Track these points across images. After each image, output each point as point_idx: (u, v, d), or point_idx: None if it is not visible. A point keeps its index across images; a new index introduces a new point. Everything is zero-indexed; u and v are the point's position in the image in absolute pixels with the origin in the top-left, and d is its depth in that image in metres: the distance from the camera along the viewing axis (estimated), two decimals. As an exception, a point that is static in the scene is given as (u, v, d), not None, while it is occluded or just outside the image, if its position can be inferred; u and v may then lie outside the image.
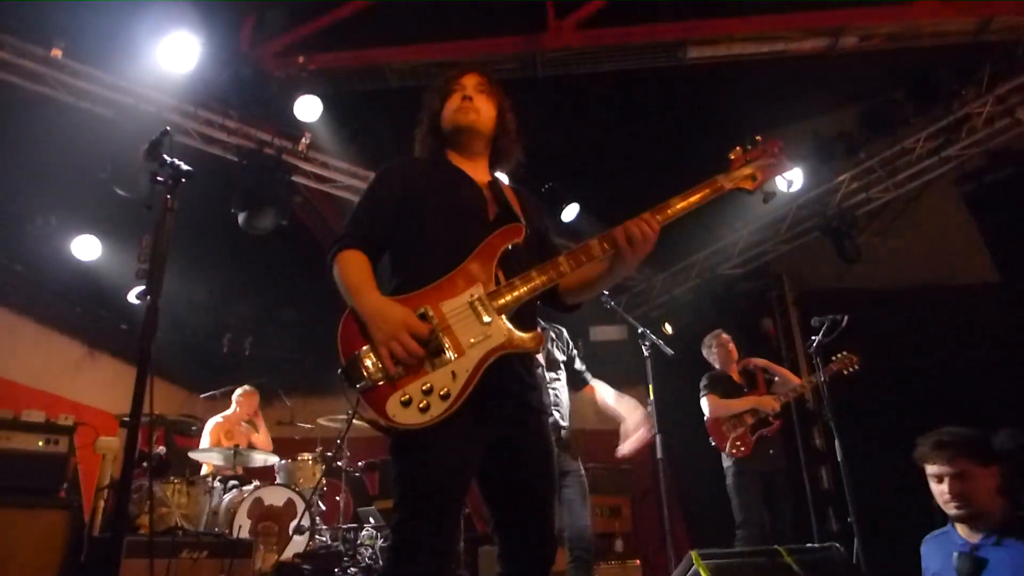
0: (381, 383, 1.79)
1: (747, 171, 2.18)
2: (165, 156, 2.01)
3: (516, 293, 1.92)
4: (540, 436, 1.99)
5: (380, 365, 1.80)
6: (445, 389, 1.78)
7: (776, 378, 5.25)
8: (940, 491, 2.55)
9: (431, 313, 1.87)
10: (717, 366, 5.30)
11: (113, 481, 4.92)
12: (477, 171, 2.19)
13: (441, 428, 1.76)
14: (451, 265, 1.93)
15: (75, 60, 4.99)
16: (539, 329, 1.96)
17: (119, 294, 6.69)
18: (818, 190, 6.71)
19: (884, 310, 6.25)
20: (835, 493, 6.66)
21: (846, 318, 4.27)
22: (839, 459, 4.44)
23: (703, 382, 5.13)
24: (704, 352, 5.42)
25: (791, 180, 6.26)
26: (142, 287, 1.89)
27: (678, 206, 2.04)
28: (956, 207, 6.48)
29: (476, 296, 1.90)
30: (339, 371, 1.83)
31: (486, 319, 1.87)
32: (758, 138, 2.23)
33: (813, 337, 4.41)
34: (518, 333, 1.88)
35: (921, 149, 6.25)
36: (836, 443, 4.36)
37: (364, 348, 1.83)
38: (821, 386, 4.43)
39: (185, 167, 2.01)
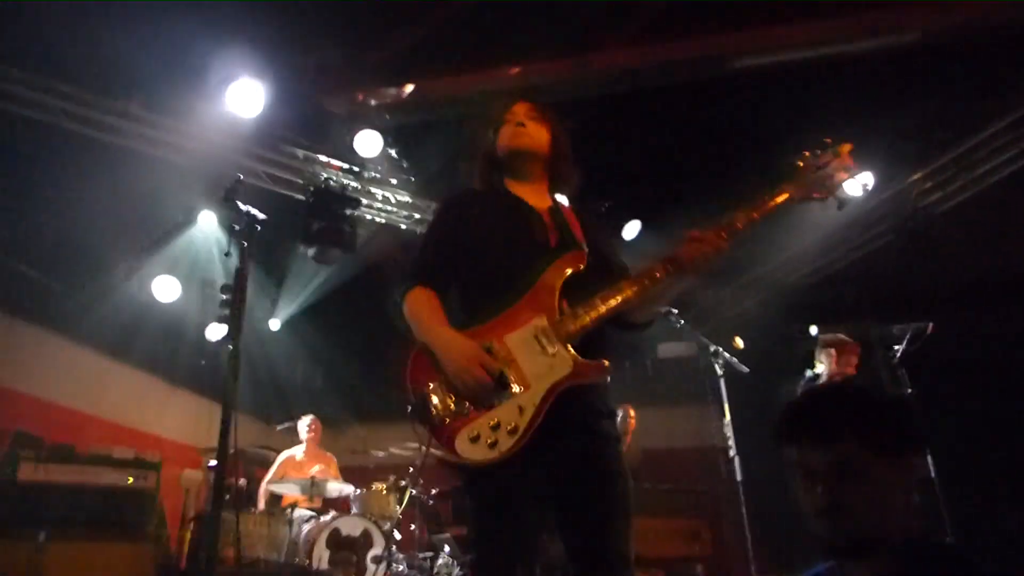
0: (449, 420, 1.80)
1: (817, 177, 2.07)
2: (239, 204, 2.09)
3: (581, 322, 1.89)
4: (610, 464, 1.94)
5: (449, 402, 1.81)
6: (513, 424, 1.77)
7: None
8: (810, 500, 1.43)
9: (496, 346, 1.87)
10: (824, 373, 4.96)
11: (197, 514, 5.08)
12: (537, 197, 2.18)
13: (512, 462, 1.74)
14: (515, 296, 1.93)
15: (149, 111, 5.27)
16: (604, 359, 1.91)
17: (197, 331, 6.97)
18: (890, 191, 6.45)
19: (968, 313, 5.94)
20: (927, 511, 6.33)
21: (931, 326, 4.07)
22: (931, 475, 4.22)
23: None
24: (818, 352, 5.07)
25: (865, 183, 6.04)
26: (223, 331, 1.96)
27: (744, 222, 1.97)
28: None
29: (540, 327, 1.88)
30: (408, 408, 1.84)
31: (551, 350, 1.85)
32: (827, 140, 2.13)
33: (896, 347, 4.21)
34: (583, 363, 1.85)
35: (998, 143, 5.95)
36: (927, 458, 4.15)
37: (432, 385, 1.85)
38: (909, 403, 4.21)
39: (260, 215, 2.08)
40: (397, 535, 5.49)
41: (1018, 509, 5.66)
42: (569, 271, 1.96)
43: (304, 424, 6.28)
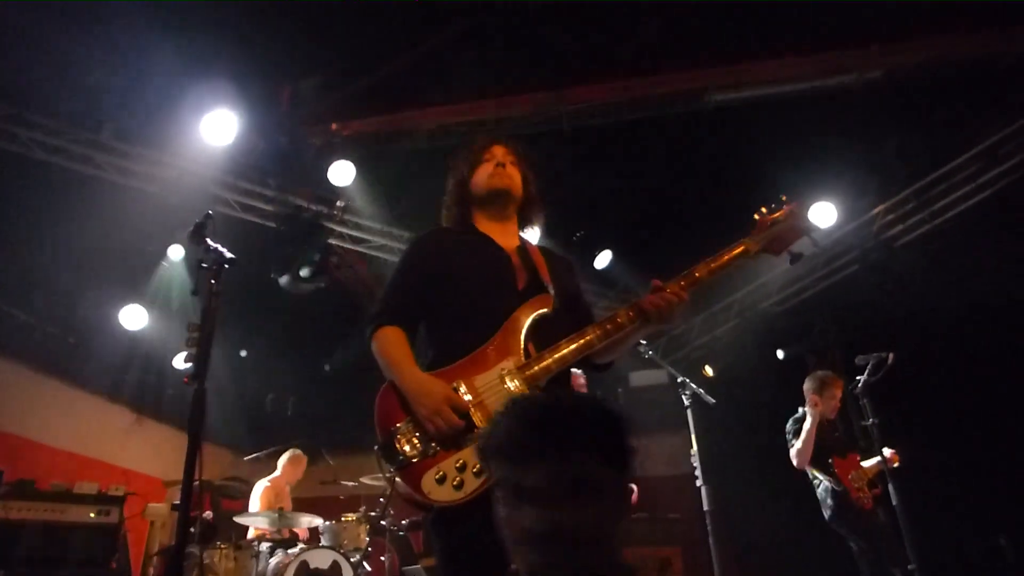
0: (416, 459, 1.83)
1: (771, 234, 2.18)
2: (209, 241, 2.09)
3: (546, 367, 1.93)
4: None
5: (416, 441, 1.84)
6: (478, 466, 1.78)
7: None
8: (520, 526, 1.18)
9: (464, 388, 1.90)
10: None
11: (161, 547, 4.98)
12: (506, 236, 2.23)
13: (478, 503, 1.74)
14: (482, 338, 1.97)
15: (122, 141, 5.25)
16: None
17: (164, 361, 6.87)
18: (854, 223, 6.62)
19: (932, 341, 6.09)
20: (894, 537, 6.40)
21: (891, 356, 4.16)
22: (894, 503, 4.28)
23: (792, 427, 4.87)
24: (807, 387, 5.11)
25: (817, 231, 6.14)
26: (190, 365, 1.95)
27: (703, 273, 2.08)
28: (997, 233, 6.32)
29: (507, 369, 1.92)
30: (376, 448, 1.87)
31: (517, 393, 1.88)
32: (783, 198, 2.23)
33: (859, 377, 4.29)
34: None
35: (956, 177, 6.15)
36: (890, 485, 4.22)
37: (400, 425, 1.87)
38: (870, 430, 4.27)
39: (228, 254, 2.09)
40: (367, 567, 5.42)
41: (979, 533, 5.76)
42: (536, 315, 2.00)
43: (286, 457, 6.20)
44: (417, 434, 1.86)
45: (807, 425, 4.65)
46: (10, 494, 3.71)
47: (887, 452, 4.67)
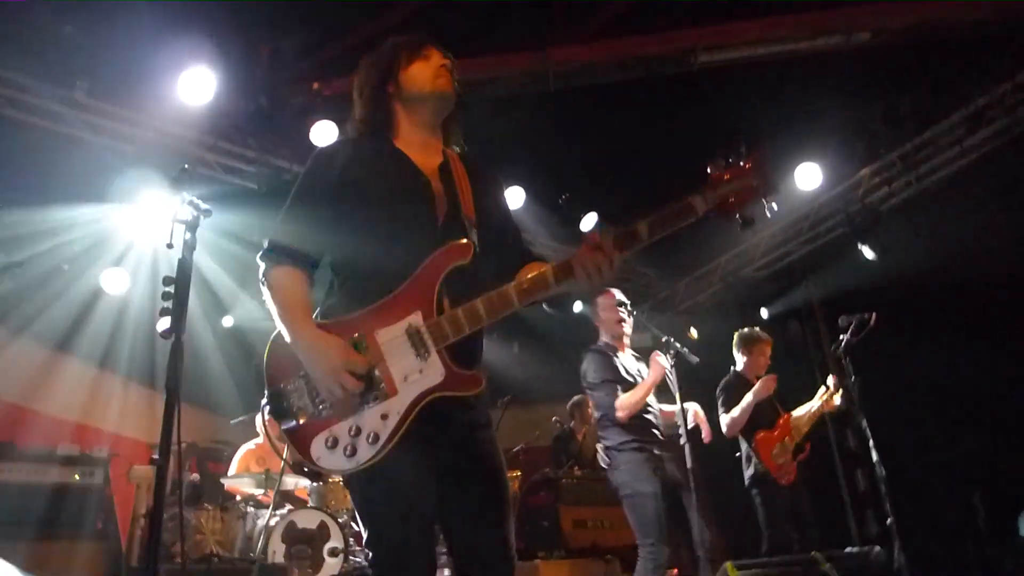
0: (306, 420, 1.69)
1: (725, 192, 1.82)
2: (184, 194, 2.05)
3: (458, 326, 1.73)
4: (485, 452, 1.84)
5: (307, 401, 1.69)
6: (373, 433, 1.65)
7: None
8: None
9: (366, 342, 1.72)
10: (740, 367, 5.17)
11: (148, 510, 4.99)
12: (428, 152, 1.96)
13: (384, 461, 1.66)
14: (391, 284, 1.76)
15: (96, 98, 5.11)
16: (480, 369, 1.81)
17: (148, 324, 6.81)
18: (839, 187, 6.63)
19: (914, 306, 6.16)
20: (872, 495, 6.55)
21: (874, 316, 4.19)
22: (874, 460, 4.36)
23: (721, 396, 4.99)
24: (735, 346, 5.21)
25: (776, 195, 6.16)
26: (166, 324, 1.92)
27: (643, 234, 1.78)
28: (982, 197, 6.36)
29: (415, 326, 1.72)
30: (263, 402, 1.73)
31: (423, 354, 1.71)
32: (742, 149, 1.87)
33: (841, 337, 4.34)
34: (455, 372, 1.71)
35: (943, 141, 6.16)
36: (871, 443, 4.28)
37: (290, 383, 1.71)
38: (851, 388, 4.35)
39: (204, 205, 2.04)
40: (355, 526, 5.47)
41: (956, 494, 5.90)
42: (452, 265, 1.77)
43: (261, 417, 6.20)
44: (309, 394, 1.70)
45: (745, 402, 4.76)
46: (-8, 456, 3.68)
47: (830, 381, 4.81)
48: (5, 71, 4.84)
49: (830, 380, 4.97)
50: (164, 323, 2.04)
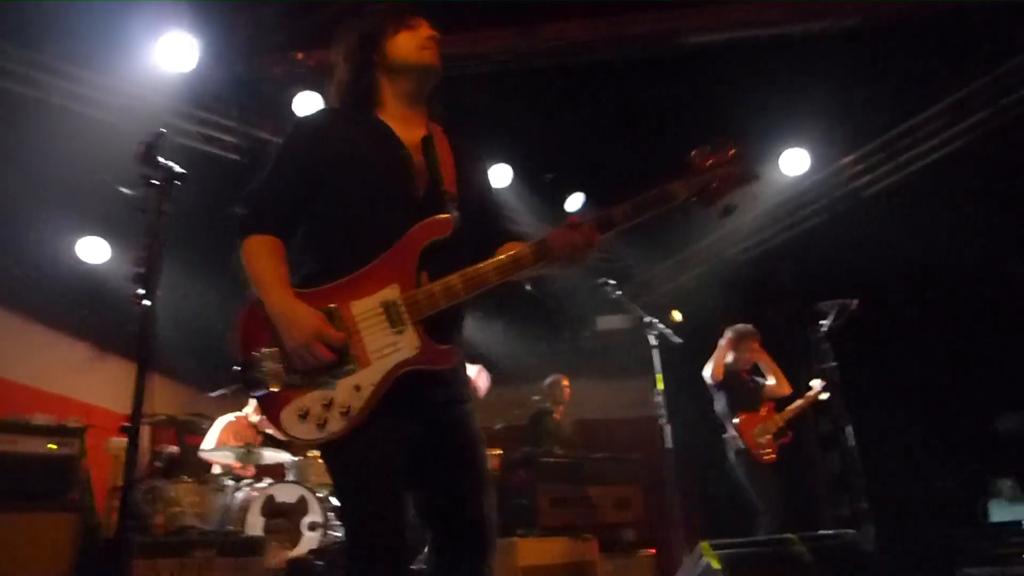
0: (278, 390, 1.68)
1: (707, 178, 1.86)
2: (159, 159, 2.00)
3: (434, 301, 1.72)
4: (462, 426, 1.85)
5: (279, 370, 1.68)
6: (346, 405, 1.65)
7: (769, 381, 5.27)
8: None
9: (340, 312, 1.71)
10: (730, 360, 5.29)
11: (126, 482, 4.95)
12: (411, 125, 1.93)
13: (355, 433, 1.65)
14: (368, 256, 1.74)
15: (70, 63, 4.96)
16: (455, 344, 1.80)
17: (125, 294, 6.68)
18: (822, 172, 6.65)
19: (894, 293, 6.22)
20: (846, 478, 6.66)
21: (856, 302, 4.24)
22: (850, 443, 4.42)
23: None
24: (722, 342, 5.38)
25: (758, 183, 6.21)
26: (140, 290, 1.89)
27: (620, 219, 1.82)
28: (965, 185, 6.41)
29: (390, 299, 1.72)
30: (235, 369, 1.72)
31: (398, 327, 1.70)
32: (720, 140, 1.92)
33: (822, 322, 4.38)
34: (430, 346, 1.71)
35: (925, 130, 6.18)
36: (847, 427, 4.35)
37: (263, 349, 1.70)
38: (830, 375, 4.40)
39: (178, 169, 2.00)
40: (334, 501, 5.47)
41: (934, 477, 6.01)
42: (431, 239, 1.76)
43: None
44: (282, 363, 1.68)
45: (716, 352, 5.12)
46: (-37, 426, 3.62)
47: (815, 383, 4.97)
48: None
49: (815, 382, 5.09)
50: (131, 281, 1.99)
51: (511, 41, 5.42)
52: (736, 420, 4.94)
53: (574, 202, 6.51)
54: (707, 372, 5.19)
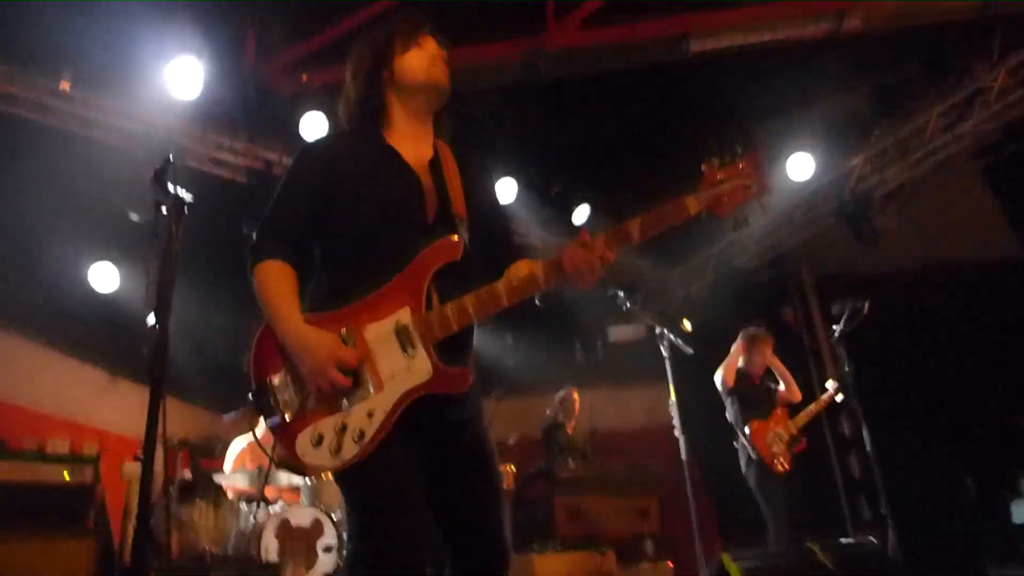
0: (291, 415, 1.68)
1: (718, 191, 1.84)
2: (169, 184, 2.01)
3: (446, 326, 1.72)
4: (476, 444, 1.85)
5: (293, 396, 1.68)
6: (359, 430, 1.65)
7: (780, 386, 5.22)
8: None
9: (353, 339, 1.71)
10: (741, 364, 5.24)
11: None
12: (419, 145, 1.94)
13: (370, 458, 1.65)
14: (380, 280, 1.75)
15: (82, 91, 5.03)
16: (468, 365, 1.79)
17: (138, 320, 6.72)
18: (831, 175, 6.61)
19: (907, 292, 6.17)
20: (866, 481, 6.58)
21: (867, 304, 4.20)
22: (868, 447, 4.37)
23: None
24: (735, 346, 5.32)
25: (769, 195, 6.17)
26: (152, 316, 1.89)
27: (635, 234, 1.78)
28: (975, 183, 6.36)
29: (402, 322, 1.71)
30: (249, 395, 1.72)
31: (410, 351, 1.70)
32: (737, 149, 1.90)
33: (835, 326, 4.35)
34: (443, 370, 1.70)
35: (934, 127, 6.14)
36: (864, 430, 4.30)
37: (278, 375, 1.70)
38: (846, 377, 4.36)
39: (188, 196, 2.01)
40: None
41: (947, 480, 5.93)
42: (442, 262, 1.76)
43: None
44: (295, 388, 1.69)
45: (728, 357, 5.05)
46: (-21, 455, 3.64)
47: (830, 386, 4.91)
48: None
49: (830, 384, 5.04)
50: (152, 317, 2.01)
51: (515, 54, 5.44)
52: (748, 429, 4.87)
53: (581, 214, 6.50)
54: (719, 377, 5.15)
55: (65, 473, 3.77)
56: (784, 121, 5.89)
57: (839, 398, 5.03)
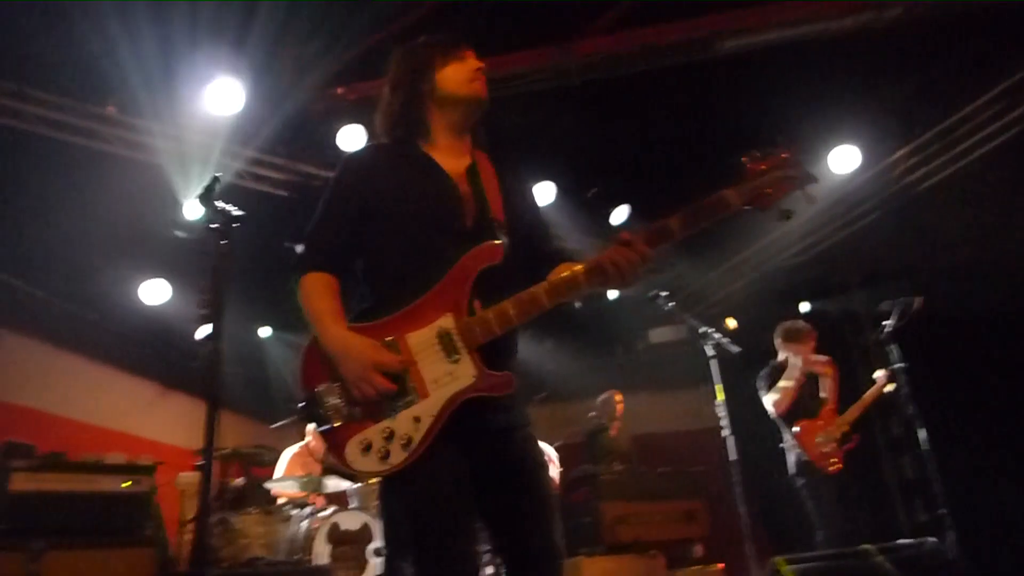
0: (340, 424, 1.70)
1: (759, 184, 1.80)
2: (216, 202, 2.07)
3: (489, 330, 1.73)
4: (524, 452, 1.85)
5: (340, 405, 1.71)
6: (407, 436, 1.67)
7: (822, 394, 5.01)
8: None
9: (398, 347, 1.73)
10: (782, 359, 5.05)
11: (195, 515, 5.07)
12: (457, 155, 1.96)
13: (417, 464, 1.67)
14: (421, 289, 1.77)
15: (127, 114, 5.21)
16: (511, 369, 1.80)
17: (187, 333, 6.95)
18: (875, 168, 6.46)
19: (956, 288, 5.98)
20: (919, 483, 6.40)
21: (920, 300, 4.09)
22: (922, 448, 4.26)
23: (762, 381, 4.90)
24: (776, 342, 5.10)
25: (814, 185, 6.02)
26: (206, 331, 1.94)
27: (677, 230, 1.77)
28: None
29: (445, 328, 1.73)
30: (299, 406, 1.75)
31: (454, 356, 1.72)
32: (778, 142, 1.86)
33: (884, 322, 4.23)
34: (487, 374, 1.71)
35: (981, 117, 5.96)
36: (920, 430, 4.18)
37: (325, 385, 1.73)
38: (898, 375, 4.24)
39: (237, 212, 2.06)
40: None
41: (1007, 479, 5.72)
42: (482, 267, 1.78)
43: (311, 427, 6.26)
44: (342, 397, 1.71)
45: (790, 382, 4.70)
46: (43, 466, 3.77)
47: (879, 375, 4.69)
48: (41, 91, 4.95)
49: (878, 374, 4.85)
50: (202, 331, 2.06)
51: (548, 59, 5.45)
52: (796, 428, 4.70)
53: (619, 215, 6.47)
54: (769, 401, 4.84)
55: (125, 483, 3.87)
56: (825, 115, 5.77)
57: (889, 388, 4.82)
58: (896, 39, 5.41)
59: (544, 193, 6.02)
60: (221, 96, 4.95)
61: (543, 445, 3.56)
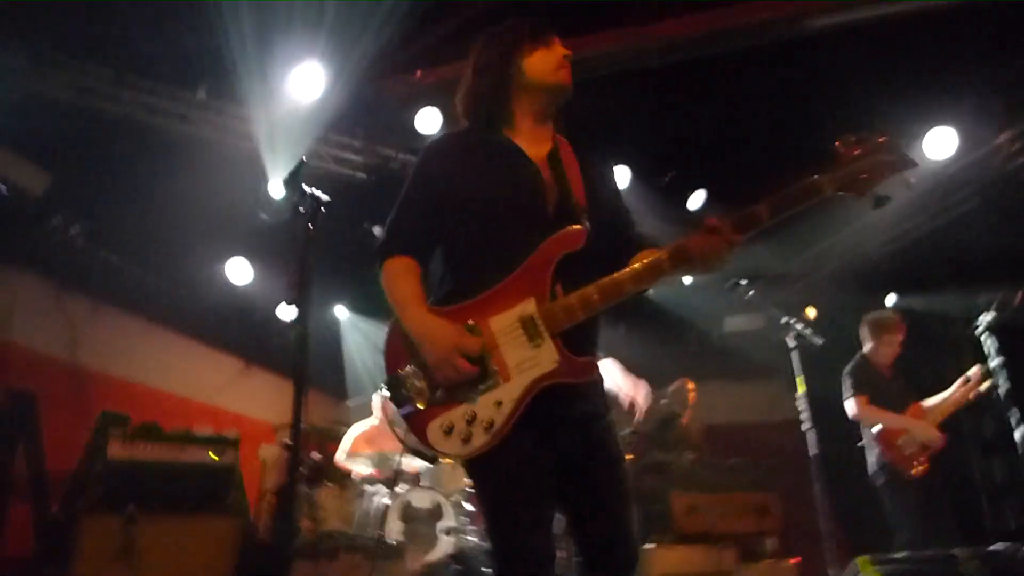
0: (423, 406, 1.72)
1: (852, 171, 1.75)
2: (303, 186, 2.12)
3: (572, 315, 1.73)
4: (603, 443, 1.85)
5: (423, 387, 1.72)
6: (489, 419, 1.67)
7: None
8: None
9: (480, 330, 1.74)
10: (867, 351, 4.79)
11: (275, 486, 5.28)
12: (539, 141, 1.95)
13: (499, 448, 1.68)
14: (504, 273, 1.77)
15: (216, 99, 5.44)
16: (593, 356, 1.80)
17: (270, 311, 7.22)
18: (976, 153, 6.08)
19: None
20: (1011, 486, 6.05)
21: (1021, 293, 3.84)
22: (1019, 449, 4.02)
23: (848, 380, 4.62)
24: (862, 333, 4.83)
25: (913, 169, 5.67)
26: (293, 311, 2.00)
27: (766, 217, 1.73)
28: None
29: (527, 313, 1.73)
30: (384, 386, 1.78)
31: (536, 341, 1.72)
32: (873, 127, 1.80)
33: (982, 316, 4.00)
34: (569, 359, 1.72)
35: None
36: (1018, 429, 3.94)
37: (408, 367, 1.75)
38: (994, 371, 4.00)
39: (324, 196, 2.11)
40: (468, 506, 5.58)
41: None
42: (565, 252, 1.77)
43: (378, 399, 6.38)
44: (425, 380, 1.73)
45: (893, 422, 4.45)
46: (138, 436, 3.98)
47: (973, 371, 4.40)
48: (137, 77, 5.20)
49: (973, 370, 4.54)
50: (288, 310, 2.13)
51: (627, 40, 5.34)
52: (876, 429, 4.46)
53: (696, 200, 6.33)
54: (851, 409, 4.60)
55: (211, 453, 4.05)
56: (919, 96, 5.45)
57: (984, 387, 4.51)
58: (1000, 15, 5.06)
59: (620, 178, 5.93)
60: (305, 80, 5.08)
61: (606, 361, 3.52)
